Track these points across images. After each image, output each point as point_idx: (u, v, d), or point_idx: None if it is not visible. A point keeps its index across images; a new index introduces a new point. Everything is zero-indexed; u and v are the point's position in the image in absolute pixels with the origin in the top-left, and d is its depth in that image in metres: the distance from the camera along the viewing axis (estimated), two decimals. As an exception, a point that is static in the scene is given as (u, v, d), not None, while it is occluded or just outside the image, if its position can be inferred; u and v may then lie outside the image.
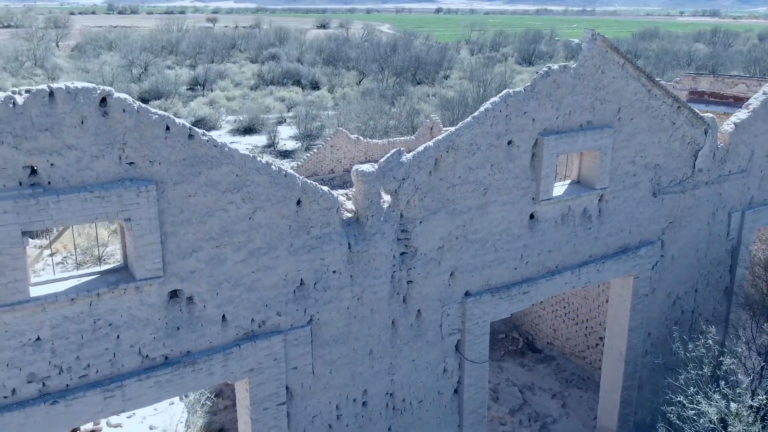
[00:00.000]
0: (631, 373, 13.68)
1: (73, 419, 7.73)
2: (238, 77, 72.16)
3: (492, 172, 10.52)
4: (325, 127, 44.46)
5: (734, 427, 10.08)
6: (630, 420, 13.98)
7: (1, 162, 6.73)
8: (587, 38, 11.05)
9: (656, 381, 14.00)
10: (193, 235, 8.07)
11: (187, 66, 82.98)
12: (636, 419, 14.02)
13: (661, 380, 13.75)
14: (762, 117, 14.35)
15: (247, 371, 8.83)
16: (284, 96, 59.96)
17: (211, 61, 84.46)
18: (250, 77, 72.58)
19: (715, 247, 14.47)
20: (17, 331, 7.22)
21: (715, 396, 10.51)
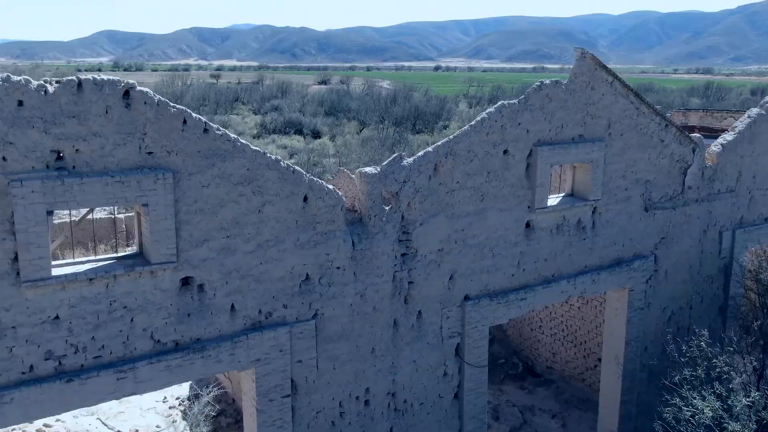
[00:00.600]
0: (629, 386, 13.87)
1: (87, 398, 8.01)
2: (240, 127, 73.52)
3: (489, 179, 11.03)
4: (326, 173, 45.27)
5: (731, 426, 10.29)
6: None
7: (31, 145, 7.24)
8: (577, 56, 11.74)
9: (654, 396, 14.15)
10: (206, 224, 8.52)
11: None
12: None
13: (658, 396, 13.92)
14: (747, 139, 14.96)
15: (253, 361, 9.12)
16: (286, 144, 61.06)
17: (214, 112, 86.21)
18: (253, 127, 73.97)
19: (707, 264, 14.86)
20: (38, 308, 7.59)
21: (710, 398, 10.74)
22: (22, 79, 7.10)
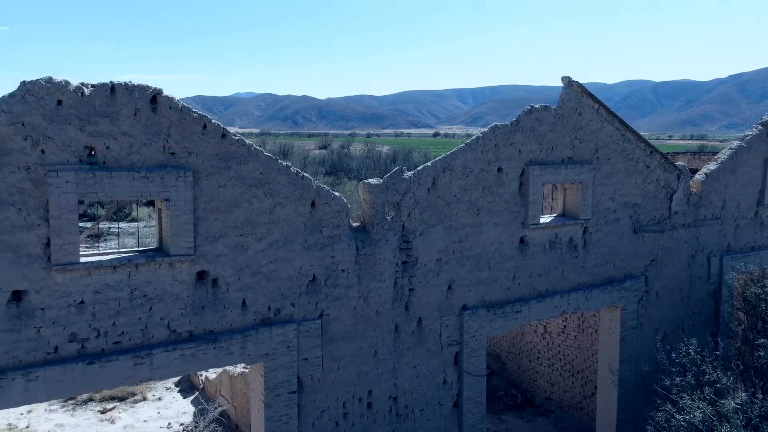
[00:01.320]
0: (624, 405, 14.19)
1: (106, 381, 8.49)
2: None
3: (484, 195, 11.76)
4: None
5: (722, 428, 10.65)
6: (627, 455, 14.30)
7: (67, 140, 8.00)
8: (564, 84, 12.67)
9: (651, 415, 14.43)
10: (221, 222, 9.20)
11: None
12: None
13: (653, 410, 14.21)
14: (730, 169, 15.78)
15: (262, 355, 9.61)
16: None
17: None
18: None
19: (697, 289, 15.41)
20: (65, 292, 8.18)
21: (700, 403, 11.13)
22: (62, 80, 7.93)
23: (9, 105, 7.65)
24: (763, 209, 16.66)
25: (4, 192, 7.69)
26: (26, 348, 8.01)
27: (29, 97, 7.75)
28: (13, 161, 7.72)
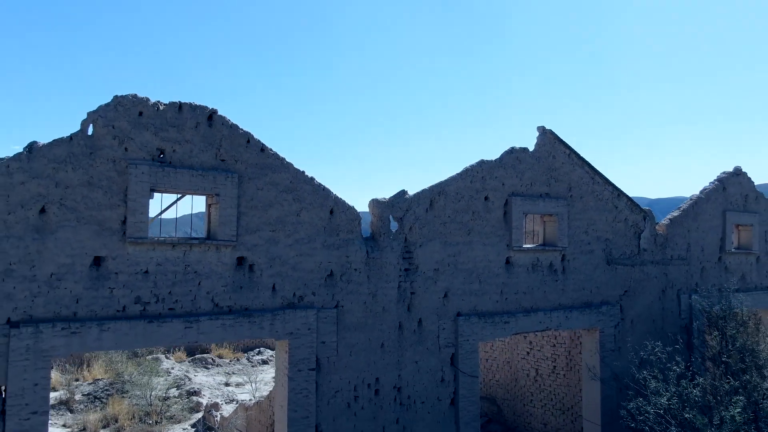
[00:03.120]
0: (608, 421, 15.56)
1: (162, 339, 10.28)
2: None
3: (474, 218, 13.91)
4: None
5: (686, 413, 12.22)
6: (613, 470, 15.47)
7: (144, 142, 10.30)
8: (540, 132, 15.15)
9: None
10: (258, 218, 11.31)
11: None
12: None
13: None
14: (692, 217, 18.00)
15: (287, 333, 11.40)
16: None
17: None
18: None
19: (669, 322, 17.15)
20: (134, 261, 10.17)
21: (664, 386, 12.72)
22: (144, 97, 10.34)
23: (105, 111, 10.02)
24: (726, 255, 18.70)
25: (95, 177, 9.89)
26: (101, 304, 9.90)
27: (119, 107, 10.14)
28: (104, 154, 9.98)
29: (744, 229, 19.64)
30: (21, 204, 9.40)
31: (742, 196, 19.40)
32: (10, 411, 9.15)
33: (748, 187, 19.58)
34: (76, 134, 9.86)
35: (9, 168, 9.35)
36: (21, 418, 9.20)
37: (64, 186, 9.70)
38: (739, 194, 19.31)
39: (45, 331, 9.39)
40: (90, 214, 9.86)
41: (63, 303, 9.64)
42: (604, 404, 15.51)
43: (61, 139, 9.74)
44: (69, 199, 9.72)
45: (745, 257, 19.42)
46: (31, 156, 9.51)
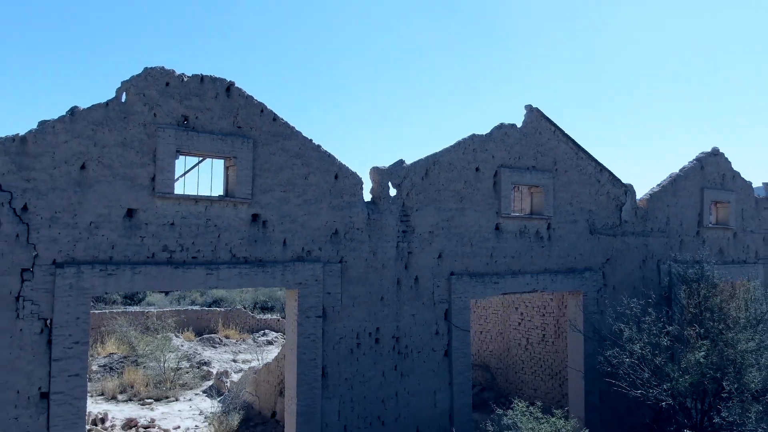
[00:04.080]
0: (591, 379, 16.83)
1: (186, 283, 11.57)
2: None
3: (466, 187, 15.20)
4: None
5: (656, 359, 13.49)
6: (596, 423, 16.74)
7: (171, 109, 11.60)
8: (527, 110, 16.45)
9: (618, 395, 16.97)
10: (271, 180, 12.61)
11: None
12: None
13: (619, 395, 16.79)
14: (671, 193, 19.29)
15: (297, 283, 12.69)
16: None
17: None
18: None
19: (649, 289, 18.40)
20: (162, 214, 11.47)
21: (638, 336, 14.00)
22: (171, 69, 11.65)
23: (136, 81, 11.33)
24: (704, 229, 20.00)
25: (128, 138, 11.19)
26: (133, 251, 11.20)
27: (149, 77, 11.45)
28: (136, 119, 11.29)
29: (722, 206, 20.94)
30: (65, 160, 10.71)
31: (720, 175, 20.70)
32: (55, 341, 10.44)
33: (725, 167, 20.88)
34: (111, 100, 11.17)
35: (54, 128, 10.65)
36: (65, 347, 10.49)
37: (102, 145, 11.01)
38: (717, 173, 20.62)
39: (85, 271, 10.69)
40: (124, 171, 11.17)
41: (100, 248, 10.94)
42: (587, 355, 16.81)
43: (98, 104, 11.05)
44: (105, 157, 11.03)
45: (723, 232, 20.71)
46: (73, 118, 10.82)
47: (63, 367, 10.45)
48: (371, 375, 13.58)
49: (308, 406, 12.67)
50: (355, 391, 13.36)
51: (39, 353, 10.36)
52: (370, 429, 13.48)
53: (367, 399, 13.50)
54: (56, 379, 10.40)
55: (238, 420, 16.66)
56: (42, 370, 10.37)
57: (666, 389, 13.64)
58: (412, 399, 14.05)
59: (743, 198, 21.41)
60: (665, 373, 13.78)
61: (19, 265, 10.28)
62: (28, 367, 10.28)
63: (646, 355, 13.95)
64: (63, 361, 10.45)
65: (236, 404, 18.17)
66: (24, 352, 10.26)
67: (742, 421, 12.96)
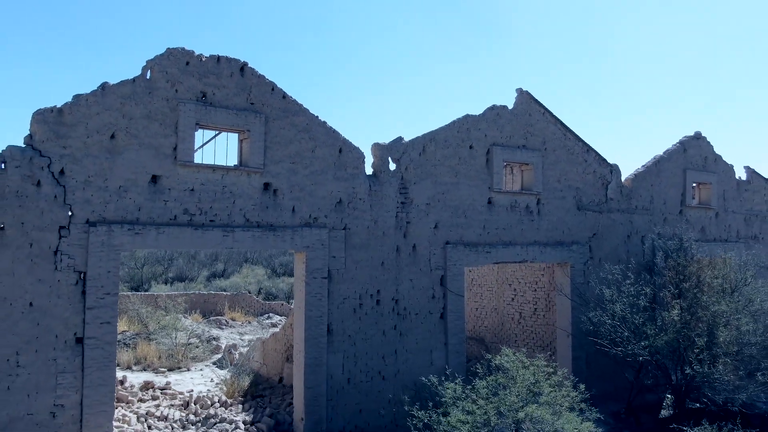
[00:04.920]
0: (577, 345, 18.01)
1: (205, 243, 12.74)
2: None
3: (460, 162, 16.38)
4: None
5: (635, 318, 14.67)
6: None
7: (191, 86, 12.78)
8: (518, 92, 17.63)
9: (601, 361, 18.13)
10: (281, 152, 13.79)
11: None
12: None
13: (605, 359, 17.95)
14: (654, 173, 20.47)
15: (305, 246, 13.87)
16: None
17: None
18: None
19: (634, 262, 19.58)
20: (183, 180, 12.66)
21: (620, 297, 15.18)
22: (191, 50, 12.82)
23: (159, 60, 12.51)
24: (686, 208, 21.18)
25: (153, 111, 12.39)
26: (158, 213, 12.38)
27: (171, 57, 12.64)
28: (160, 93, 12.48)
29: (704, 187, 22.12)
30: (96, 130, 11.89)
31: (702, 157, 21.87)
32: (89, 291, 11.62)
33: (707, 150, 22.06)
34: (138, 77, 12.36)
35: (87, 101, 11.84)
36: (98, 297, 11.68)
37: (129, 117, 12.19)
38: (699, 156, 21.79)
39: (115, 230, 11.88)
40: (149, 140, 12.35)
41: (128, 210, 12.13)
42: (574, 322, 18.00)
43: (126, 80, 12.24)
44: (132, 128, 12.22)
45: (705, 212, 21.89)
46: (104, 93, 12.00)
47: (96, 315, 11.64)
48: (372, 333, 14.77)
49: (315, 359, 13.85)
50: (358, 347, 14.55)
51: (74, 302, 11.55)
52: (372, 382, 14.67)
53: (369, 355, 14.68)
54: (90, 325, 11.59)
55: (248, 381, 17.83)
56: (77, 318, 11.56)
57: (644, 346, 14.82)
58: (410, 356, 15.24)
59: (725, 180, 22.58)
60: (643, 331, 14.96)
61: (57, 223, 11.48)
62: (64, 314, 11.47)
63: (626, 316, 15.12)
64: (96, 310, 11.64)
65: (246, 369, 19.34)
66: (61, 301, 11.45)
67: (711, 372, 14.13)
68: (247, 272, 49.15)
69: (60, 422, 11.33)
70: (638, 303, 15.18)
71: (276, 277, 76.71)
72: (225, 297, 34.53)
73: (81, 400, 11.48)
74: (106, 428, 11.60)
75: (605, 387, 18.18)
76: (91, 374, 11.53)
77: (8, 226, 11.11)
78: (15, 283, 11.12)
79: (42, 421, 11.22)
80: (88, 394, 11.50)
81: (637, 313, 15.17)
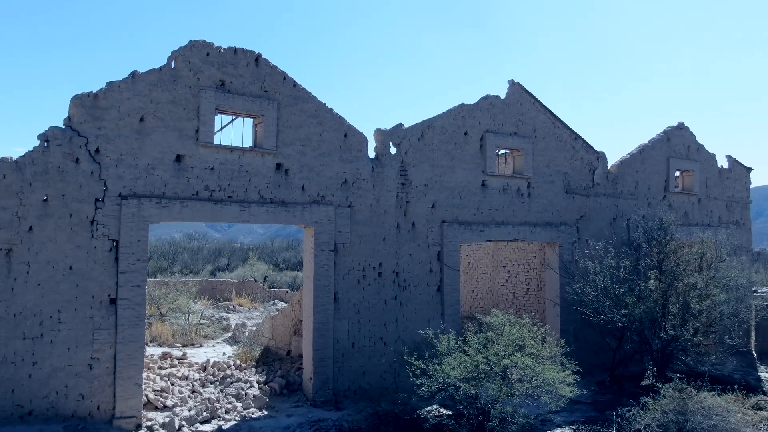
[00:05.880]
0: (565, 319, 19.35)
1: (224, 216, 14.08)
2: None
3: (456, 147, 17.73)
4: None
5: (616, 289, 16.01)
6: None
7: (211, 74, 14.14)
8: (510, 84, 18.97)
9: (588, 335, 19.48)
10: (292, 135, 15.15)
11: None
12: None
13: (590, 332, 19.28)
14: (639, 160, 21.81)
15: (314, 221, 15.23)
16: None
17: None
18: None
19: (619, 243, 20.91)
20: (204, 160, 14.02)
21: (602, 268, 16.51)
22: (211, 42, 14.18)
23: (183, 51, 13.87)
24: (670, 194, 22.52)
25: (177, 97, 13.75)
26: (181, 189, 13.74)
27: (193, 48, 14.00)
28: (183, 81, 13.84)
29: (687, 174, 23.46)
30: (127, 113, 13.25)
31: (685, 146, 23.21)
32: (121, 257, 12.98)
33: (690, 139, 23.40)
34: (163, 66, 13.72)
35: (119, 87, 13.20)
36: (129, 263, 13.03)
37: (156, 102, 13.55)
38: (682, 145, 23.13)
39: (144, 203, 13.24)
40: (174, 123, 13.71)
41: (156, 185, 13.49)
42: (562, 297, 19.35)
43: (153, 69, 13.60)
44: (159, 112, 13.58)
45: (687, 197, 23.23)
46: (134, 80, 13.36)
47: (127, 278, 13.00)
48: (375, 302, 16.12)
49: (323, 324, 15.21)
50: (362, 314, 15.91)
51: (108, 267, 12.91)
52: (374, 347, 16.02)
53: (372, 322, 16.04)
54: (122, 288, 12.95)
55: (259, 351, 19.19)
56: (111, 281, 12.93)
57: (624, 314, 16.17)
58: (410, 324, 16.59)
59: (707, 168, 23.92)
60: (623, 301, 16.31)
61: (93, 196, 12.84)
62: (100, 277, 12.83)
63: (608, 287, 16.47)
64: (127, 274, 13.01)
65: (257, 341, 20.70)
66: (97, 265, 12.82)
67: (682, 334, 15.48)
68: (252, 262, 50.42)
69: (96, 373, 12.70)
70: (619, 275, 16.54)
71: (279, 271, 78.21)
72: (232, 284, 35.89)
73: (114, 354, 12.84)
74: (137, 380, 12.96)
75: (592, 360, 19.50)
76: (124, 331, 12.89)
77: (51, 198, 12.49)
78: (57, 249, 12.49)
79: (80, 372, 12.58)
80: (120, 348, 12.86)
81: (617, 283, 16.52)
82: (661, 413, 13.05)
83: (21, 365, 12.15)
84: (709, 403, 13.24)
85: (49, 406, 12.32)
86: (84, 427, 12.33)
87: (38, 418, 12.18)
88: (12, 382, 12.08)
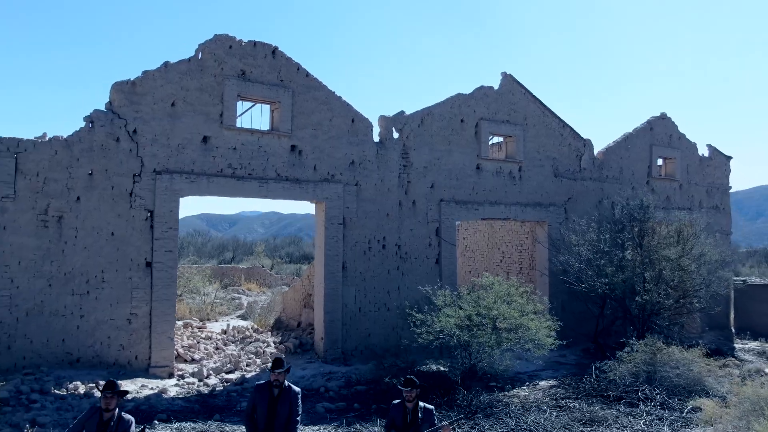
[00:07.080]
0: (554, 292, 21.03)
1: (245, 192, 15.77)
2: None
3: (452, 134, 19.44)
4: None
5: (600, 262, 17.70)
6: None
7: (234, 65, 15.85)
8: (503, 75, 20.67)
9: (575, 307, 21.10)
10: (305, 120, 16.86)
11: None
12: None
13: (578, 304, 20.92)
14: (624, 147, 23.50)
15: (324, 198, 16.93)
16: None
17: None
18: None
19: (596, 215, 22.57)
20: (227, 141, 15.73)
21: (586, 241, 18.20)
22: (234, 36, 15.88)
23: (208, 44, 15.60)
24: (653, 180, 24.20)
25: (204, 85, 15.46)
26: (208, 167, 15.46)
27: (217, 41, 15.72)
28: (209, 71, 15.56)
29: (669, 161, 25.15)
30: (161, 99, 14.97)
31: (667, 135, 24.90)
32: (156, 226, 14.69)
33: (672, 129, 25.09)
34: (192, 57, 15.44)
35: (153, 76, 14.92)
36: (162, 231, 14.75)
37: (186, 89, 15.27)
38: (665, 133, 24.82)
39: (176, 178, 14.95)
40: (201, 108, 15.43)
41: (185, 163, 15.21)
42: (550, 266, 21.05)
43: (183, 59, 15.32)
44: (188, 98, 15.29)
45: (669, 183, 24.92)
46: (166, 69, 15.08)
47: (161, 244, 14.72)
48: (379, 272, 17.84)
49: (332, 290, 16.92)
50: (367, 283, 17.62)
51: (145, 233, 14.63)
52: (378, 312, 17.73)
53: (376, 290, 17.75)
54: (157, 252, 14.67)
55: (273, 320, 20.92)
56: (147, 246, 14.65)
57: (605, 283, 17.87)
58: (410, 293, 18.28)
59: (688, 155, 25.60)
60: (604, 271, 18.01)
61: (132, 171, 14.56)
62: (137, 243, 14.55)
63: (591, 258, 18.17)
64: (161, 240, 14.72)
65: (270, 313, 22.41)
66: (135, 232, 14.53)
67: (655, 299, 17.19)
68: (259, 251, 52.12)
69: (134, 327, 14.42)
70: (600, 247, 18.25)
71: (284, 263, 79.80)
72: (241, 270, 37.60)
73: (150, 311, 14.56)
74: (170, 334, 14.68)
75: (579, 329, 21.18)
76: (158, 290, 14.61)
77: (95, 172, 14.21)
78: (101, 217, 14.21)
79: (121, 325, 14.30)
80: (155, 306, 14.58)
81: (598, 254, 18.23)
82: (633, 364, 14.75)
83: (70, 318, 13.87)
84: (676, 357, 14.95)
85: (94, 355, 14.04)
86: (124, 373, 14.04)
87: (85, 365, 13.90)
88: (63, 333, 13.80)
